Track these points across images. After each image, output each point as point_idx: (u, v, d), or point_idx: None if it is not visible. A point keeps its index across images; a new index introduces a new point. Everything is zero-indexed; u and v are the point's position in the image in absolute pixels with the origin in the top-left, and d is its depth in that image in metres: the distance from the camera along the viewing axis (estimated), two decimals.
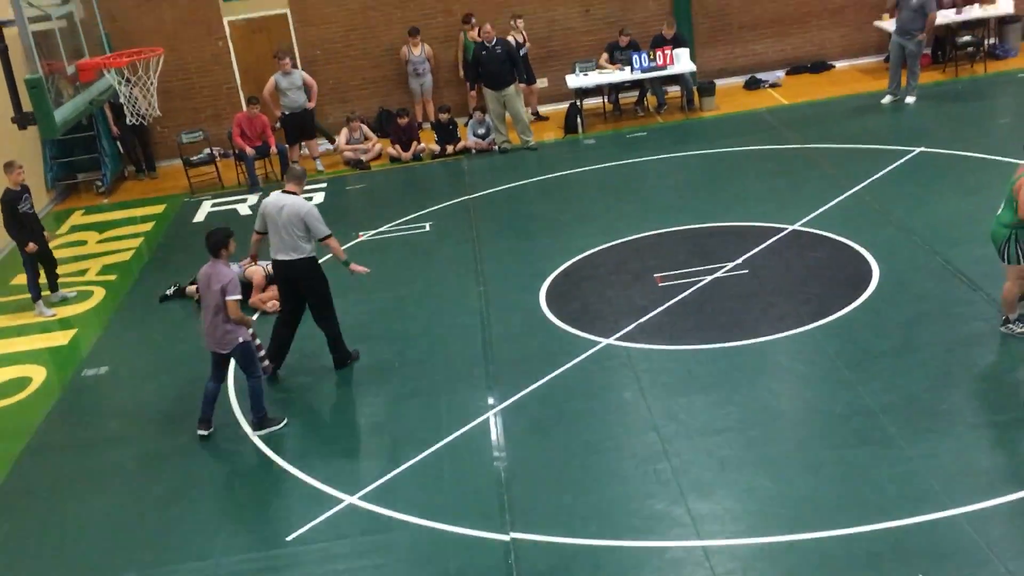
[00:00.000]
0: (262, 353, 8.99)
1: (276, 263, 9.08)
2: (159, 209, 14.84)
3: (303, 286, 9.05)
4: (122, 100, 11.31)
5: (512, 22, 16.49)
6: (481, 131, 15.60)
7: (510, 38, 15.86)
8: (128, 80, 11.10)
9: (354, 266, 9.15)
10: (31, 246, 10.93)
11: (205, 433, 8.41)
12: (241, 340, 8.19)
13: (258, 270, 10.66)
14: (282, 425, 8.40)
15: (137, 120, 11.63)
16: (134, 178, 16.71)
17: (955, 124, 14.01)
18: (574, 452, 7.54)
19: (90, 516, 7.62)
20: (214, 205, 14.71)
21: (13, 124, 9.98)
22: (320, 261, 9.13)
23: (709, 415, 7.78)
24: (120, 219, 14.67)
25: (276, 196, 9.03)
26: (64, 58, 10.57)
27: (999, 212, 8.14)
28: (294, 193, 9.01)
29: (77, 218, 14.95)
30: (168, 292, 11.39)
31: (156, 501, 7.69)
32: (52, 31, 10.56)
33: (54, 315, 11.37)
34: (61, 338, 10.89)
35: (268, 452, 8.07)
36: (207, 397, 8.43)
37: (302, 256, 8.93)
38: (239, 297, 8.08)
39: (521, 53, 15.88)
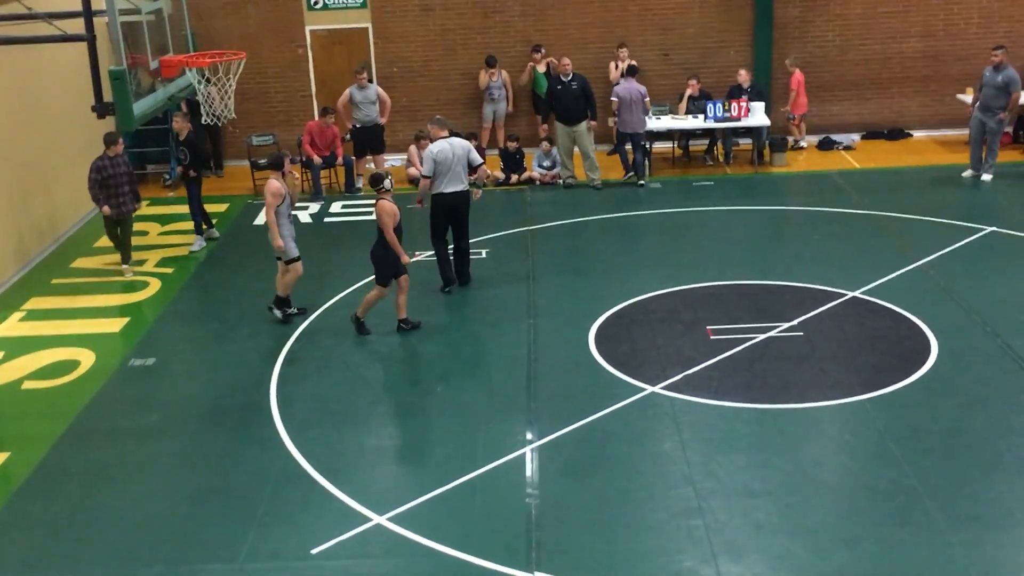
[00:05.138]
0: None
1: (449, 195, 11.17)
2: (222, 208, 15.02)
3: (463, 211, 11.37)
4: (199, 99, 11.49)
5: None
6: (546, 163, 15.61)
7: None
8: (208, 80, 11.27)
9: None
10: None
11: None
12: None
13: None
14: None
15: (212, 120, 11.80)
16: (198, 175, 16.91)
17: None
18: (608, 498, 7.44)
19: (122, 506, 7.67)
20: None
21: (92, 112, 10.17)
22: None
23: (749, 476, 7.64)
24: (183, 213, 14.77)
25: (444, 143, 11.12)
26: (149, 53, 10.77)
27: None
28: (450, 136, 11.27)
29: (142, 208, 15.15)
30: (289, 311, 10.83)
31: (188, 498, 7.73)
32: (140, 25, 10.78)
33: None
34: (113, 325, 11.04)
35: (303, 462, 8.08)
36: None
37: (466, 188, 11.32)
38: None
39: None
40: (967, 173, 14.95)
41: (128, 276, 12.34)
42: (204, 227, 13.46)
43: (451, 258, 11.55)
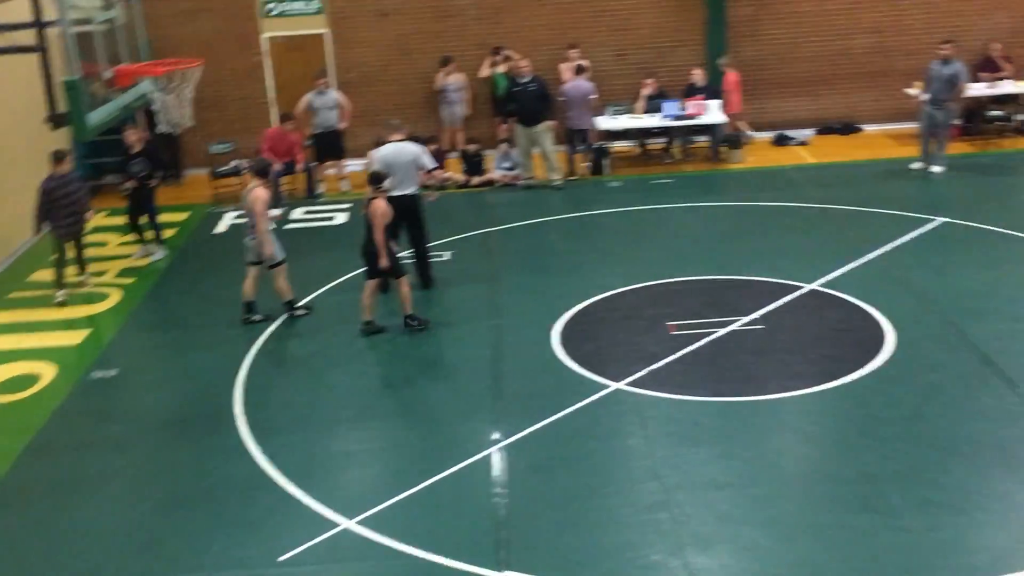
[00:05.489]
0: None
1: (395, 198, 10.70)
2: (182, 217, 14.94)
3: (415, 214, 11.29)
4: (156, 108, 11.44)
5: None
6: (506, 164, 15.68)
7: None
8: (163, 89, 11.22)
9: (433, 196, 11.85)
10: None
11: None
12: None
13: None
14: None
15: (170, 128, 11.74)
16: (160, 184, 16.80)
17: (979, 197, 13.99)
18: (575, 495, 7.50)
19: (85, 519, 7.61)
20: (237, 217, 14.78)
21: (47, 124, 10.09)
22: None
23: (713, 469, 7.74)
24: (143, 223, 14.74)
25: (390, 146, 11.18)
26: (103, 62, 10.70)
27: None
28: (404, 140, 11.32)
29: (100, 219, 15.04)
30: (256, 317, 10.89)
31: (152, 509, 7.68)
32: (93, 34, 10.70)
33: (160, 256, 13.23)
34: (74, 337, 10.94)
35: (269, 469, 8.06)
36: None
37: (415, 192, 11.27)
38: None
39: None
40: (916, 165, 15.20)
41: (88, 287, 12.21)
42: (142, 236, 13.30)
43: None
